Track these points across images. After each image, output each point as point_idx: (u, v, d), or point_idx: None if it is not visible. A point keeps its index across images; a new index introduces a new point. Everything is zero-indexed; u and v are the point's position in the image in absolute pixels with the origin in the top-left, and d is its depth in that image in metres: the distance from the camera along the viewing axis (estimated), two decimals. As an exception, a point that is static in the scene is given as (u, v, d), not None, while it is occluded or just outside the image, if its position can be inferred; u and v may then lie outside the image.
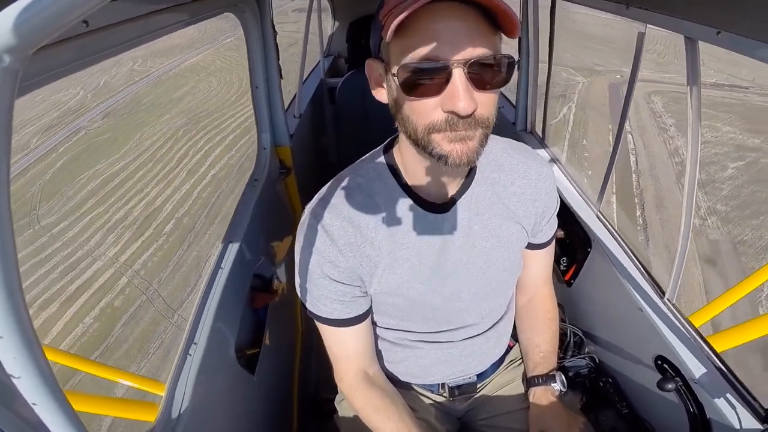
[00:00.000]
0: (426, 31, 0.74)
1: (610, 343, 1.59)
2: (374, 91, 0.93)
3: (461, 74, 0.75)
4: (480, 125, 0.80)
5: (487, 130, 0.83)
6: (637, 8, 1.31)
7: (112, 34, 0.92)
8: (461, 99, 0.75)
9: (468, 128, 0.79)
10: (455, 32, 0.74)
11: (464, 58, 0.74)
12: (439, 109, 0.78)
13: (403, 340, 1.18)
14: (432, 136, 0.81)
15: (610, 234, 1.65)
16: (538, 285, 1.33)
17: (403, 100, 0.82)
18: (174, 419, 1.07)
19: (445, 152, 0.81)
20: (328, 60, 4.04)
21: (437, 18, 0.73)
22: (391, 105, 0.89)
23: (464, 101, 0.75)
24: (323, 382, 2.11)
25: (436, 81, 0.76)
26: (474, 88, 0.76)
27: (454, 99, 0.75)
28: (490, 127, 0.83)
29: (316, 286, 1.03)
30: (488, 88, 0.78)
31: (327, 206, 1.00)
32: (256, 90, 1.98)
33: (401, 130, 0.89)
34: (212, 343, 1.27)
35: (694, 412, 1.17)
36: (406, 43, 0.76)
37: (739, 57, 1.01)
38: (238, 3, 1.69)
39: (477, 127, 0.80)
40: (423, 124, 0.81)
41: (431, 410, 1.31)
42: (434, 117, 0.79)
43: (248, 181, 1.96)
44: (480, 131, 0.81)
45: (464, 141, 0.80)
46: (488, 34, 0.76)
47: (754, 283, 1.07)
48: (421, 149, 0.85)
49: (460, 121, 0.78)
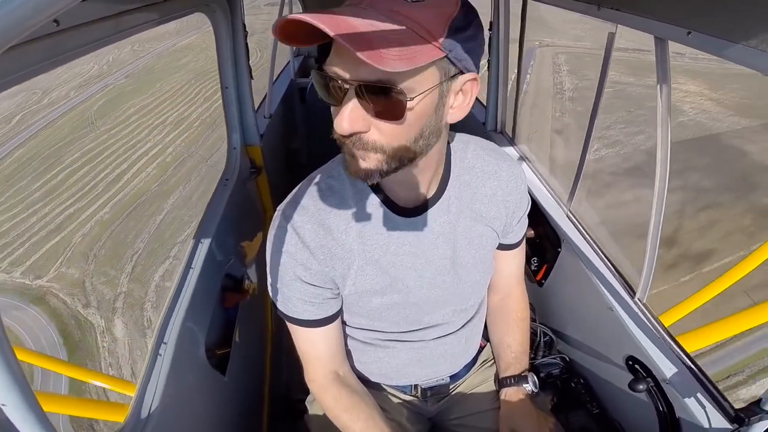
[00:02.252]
0: (338, 46, 0.73)
1: (581, 343, 1.60)
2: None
3: (352, 94, 0.74)
4: (372, 149, 0.79)
5: (386, 155, 0.80)
6: (608, 8, 1.31)
7: (83, 34, 0.92)
8: (342, 117, 0.75)
9: (356, 148, 0.79)
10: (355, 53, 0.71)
11: (357, 79, 0.73)
12: None
13: (375, 340, 1.18)
14: (342, 145, 0.82)
15: (580, 234, 1.66)
16: (509, 285, 1.33)
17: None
18: (143, 419, 1.07)
19: (347, 162, 0.83)
20: (298, 60, 4.03)
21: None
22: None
23: (340, 118, 0.75)
24: (294, 382, 2.12)
25: (338, 95, 0.76)
26: (371, 113, 0.75)
27: (337, 115, 0.76)
28: (392, 154, 0.80)
29: (288, 288, 1.02)
30: (385, 117, 0.76)
31: (298, 208, 0.99)
32: (226, 90, 1.97)
33: None
34: (182, 343, 1.26)
35: (664, 412, 1.17)
36: (331, 51, 0.76)
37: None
38: (209, 2, 1.68)
39: (368, 150, 0.79)
40: (335, 129, 0.81)
41: (402, 411, 1.30)
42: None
43: (219, 180, 1.95)
44: (377, 156, 0.79)
45: (356, 159, 0.80)
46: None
47: (724, 284, 1.08)
48: None
49: (345, 139, 0.78)
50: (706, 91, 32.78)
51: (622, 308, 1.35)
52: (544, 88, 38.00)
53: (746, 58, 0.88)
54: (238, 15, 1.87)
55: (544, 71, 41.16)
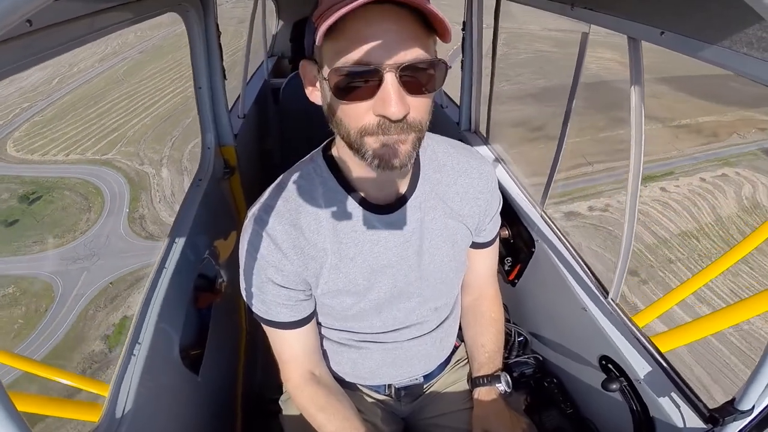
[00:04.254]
0: (358, 35, 0.73)
1: (554, 343, 1.60)
2: (308, 93, 0.92)
3: (393, 78, 0.74)
4: (413, 129, 0.80)
5: (420, 133, 0.83)
6: (582, 8, 1.31)
7: (56, 34, 0.91)
8: (392, 104, 0.74)
9: (400, 132, 0.79)
10: (387, 35, 0.73)
11: (396, 62, 0.73)
12: (371, 112, 0.78)
13: (348, 340, 1.18)
14: (364, 139, 0.81)
15: (554, 234, 1.66)
16: (483, 284, 1.34)
17: (336, 103, 0.81)
18: (117, 419, 1.08)
19: (377, 155, 0.81)
20: (271, 60, 4.03)
21: (369, 21, 0.72)
22: (325, 107, 0.88)
23: (395, 106, 0.74)
24: (268, 382, 2.16)
25: (368, 85, 0.76)
26: (406, 92, 0.76)
27: (385, 104, 0.75)
28: (423, 131, 0.83)
29: (261, 291, 1.03)
30: (421, 92, 0.78)
31: (269, 210, 1.00)
32: (200, 90, 1.96)
33: (336, 132, 0.89)
34: (156, 344, 1.27)
35: (638, 412, 1.17)
36: (338, 45, 0.75)
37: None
38: (182, 2, 1.67)
39: (409, 131, 0.80)
40: (355, 127, 0.80)
41: (376, 411, 1.30)
42: (366, 121, 0.79)
43: (192, 181, 1.94)
44: (413, 135, 0.81)
45: (396, 145, 0.80)
46: (422, 37, 0.76)
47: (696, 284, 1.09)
48: (355, 152, 0.84)
49: (392, 125, 0.78)
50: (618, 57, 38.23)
51: (595, 308, 1.35)
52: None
53: (719, 58, 0.89)
54: (211, 15, 1.86)
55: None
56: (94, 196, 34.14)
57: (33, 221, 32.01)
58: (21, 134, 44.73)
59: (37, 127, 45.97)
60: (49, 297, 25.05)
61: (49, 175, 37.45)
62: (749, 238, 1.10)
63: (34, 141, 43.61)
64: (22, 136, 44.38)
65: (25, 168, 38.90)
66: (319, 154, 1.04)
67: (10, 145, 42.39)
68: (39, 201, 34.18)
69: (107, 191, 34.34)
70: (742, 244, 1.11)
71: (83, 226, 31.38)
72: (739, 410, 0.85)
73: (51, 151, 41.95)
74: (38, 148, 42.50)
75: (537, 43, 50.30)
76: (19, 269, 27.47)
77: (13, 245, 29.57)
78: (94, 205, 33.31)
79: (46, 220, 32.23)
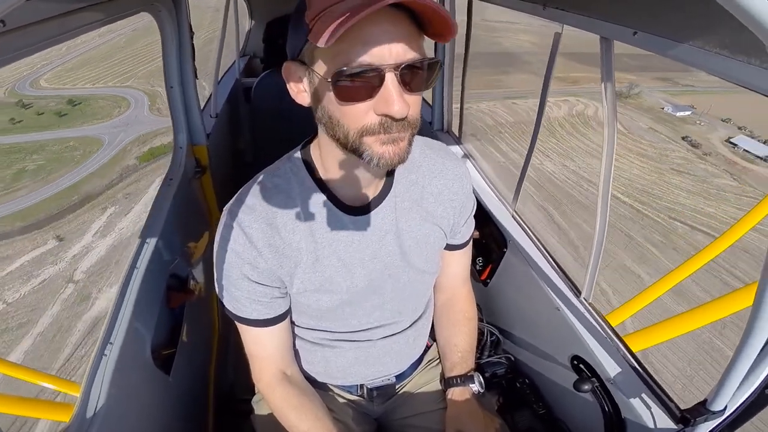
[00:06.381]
0: (358, 36, 0.74)
1: (526, 343, 1.60)
2: (294, 95, 0.91)
3: (393, 78, 0.76)
4: (411, 126, 0.83)
5: (415, 130, 0.86)
6: (554, 8, 1.31)
7: (29, 34, 0.92)
8: (396, 102, 0.76)
9: (401, 130, 0.81)
10: (386, 37, 0.75)
11: (396, 62, 0.75)
12: (372, 112, 0.79)
13: (322, 339, 1.18)
14: (364, 139, 0.82)
15: (525, 234, 1.66)
16: (456, 285, 1.34)
17: (334, 104, 0.82)
18: (89, 419, 1.08)
19: (377, 154, 0.82)
20: (243, 60, 4.03)
21: (369, 23, 0.73)
22: (318, 109, 0.88)
23: (398, 104, 0.76)
24: (239, 382, 2.19)
25: (369, 85, 0.77)
26: (405, 90, 0.78)
27: (388, 103, 0.76)
28: (417, 127, 0.86)
29: (236, 287, 1.03)
30: (417, 89, 0.81)
31: (245, 207, 1.00)
32: (171, 90, 1.97)
33: (328, 134, 0.89)
34: (128, 343, 1.27)
35: (609, 412, 1.17)
36: (337, 48, 0.75)
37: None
38: (154, 2, 1.68)
39: (408, 128, 0.83)
40: (355, 127, 0.81)
41: (348, 411, 1.30)
42: (367, 120, 0.80)
43: (163, 180, 1.93)
44: (410, 132, 0.84)
45: (396, 142, 0.82)
46: (416, 37, 0.78)
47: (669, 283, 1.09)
48: (351, 152, 0.85)
49: (393, 123, 0.79)
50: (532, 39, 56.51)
51: (567, 308, 1.35)
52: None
53: (691, 58, 0.89)
54: (183, 15, 1.87)
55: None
56: (121, 101, 55.77)
57: (79, 113, 54.00)
58: (49, 76, 62.72)
59: (62, 72, 64.59)
60: (99, 144, 46.71)
61: (83, 94, 58.14)
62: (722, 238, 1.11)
63: (62, 80, 62.51)
64: (51, 77, 62.73)
65: (63, 91, 59.17)
66: (297, 154, 1.05)
67: (42, 83, 61.25)
68: (80, 104, 55.86)
69: (131, 98, 55.89)
70: (714, 244, 1.12)
71: (116, 114, 53.37)
72: (711, 411, 0.85)
73: (78, 84, 61.77)
74: (67, 83, 61.91)
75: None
76: (73, 134, 48.76)
77: (66, 124, 51.20)
78: (122, 106, 54.79)
79: (87, 112, 54.00)
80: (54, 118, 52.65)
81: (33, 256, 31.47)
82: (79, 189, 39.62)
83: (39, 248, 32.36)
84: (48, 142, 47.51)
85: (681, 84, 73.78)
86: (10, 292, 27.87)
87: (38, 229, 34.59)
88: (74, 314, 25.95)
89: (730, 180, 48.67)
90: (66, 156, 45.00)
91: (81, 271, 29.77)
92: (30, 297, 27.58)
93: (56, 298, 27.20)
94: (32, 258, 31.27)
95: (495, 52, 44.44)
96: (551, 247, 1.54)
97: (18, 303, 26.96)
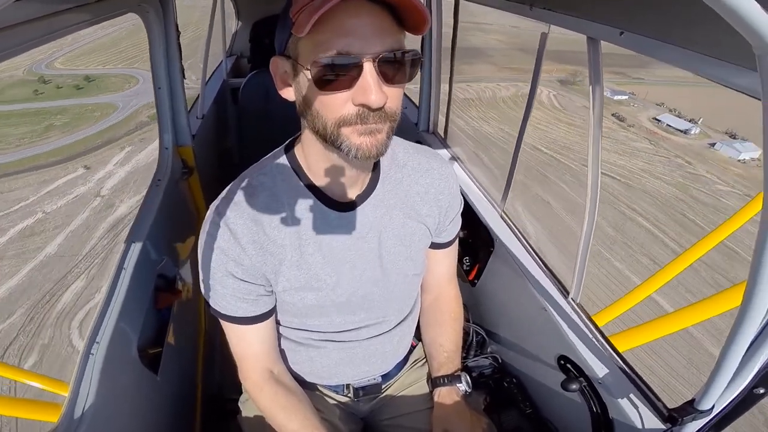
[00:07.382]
0: (337, 27, 0.75)
1: (513, 343, 1.60)
2: (280, 89, 0.93)
3: (372, 68, 0.77)
4: (389, 118, 0.83)
5: (393, 123, 0.86)
6: (541, 9, 1.31)
7: (16, 34, 0.92)
8: (372, 92, 0.77)
9: (378, 121, 0.82)
10: (365, 28, 0.76)
11: (374, 53, 0.77)
12: (350, 103, 0.80)
13: (308, 339, 1.18)
14: (342, 129, 0.82)
15: (513, 234, 1.66)
16: (442, 284, 1.34)
17: (314, 95, 0.83)
18: (77, 419, 1.07)
19: (354, 145, 0.83)
20: (230, 60, 4.04)
21: (348, 14, 0.75)
22: (300, 101, 0.89)
23: (375, 94, 0.77)
24: (227, 382, 2.18)
25: (347, 75, 0.78)
26: (383, 81, 0.79)
27: (366, 92, 0.78)
28: (396, 121, 0.86)
29: (221, 285, 1.03)
30: (396, 82, 0.81)
31: (231, 205, 1.00)
32: (159, 91, 1.97)
33: (309, 126, 0.90)
34: (115, 343, 1.26)
35: (597, 412, 1.18)
36: (317, 38, 0.77)
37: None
38: (141, 3, 1.69)
39: (386, 120, 0.83)
40: (333, 118, 0.82)
41: (335, 411, 1.30)
42: (345, 111, 0.81)
43: (151, 182, 1.94)
44: (389, 124, 0.84)
45: (373, 134, 0.82)
46: (396, 31, 0.80)
47: (657, 283, 1.10)
48: (330, 144, 0.86)
49: (370, 114, 0.80)
50: (499, 38, 67.39)
51: (555, 308, 1.35)
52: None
53: (677, 58, 0.90)
54: (170, 16, 1.87)
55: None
56: (131, 78, 64.56)
57: (94, 87, 63.47)
58: (63, 60, 71.78)
59: (73, 57, 73.11)
60: (114, 108, 56.37)
61: (96, 73, 67.19)
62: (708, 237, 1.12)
63: (74, 63, 71.39)
64: (65, 60, 72.04)
65: (77, 71, 68.40)
66: (282, 152, 1.05)
67: (57, 65, 70.19)
68: (95, 80, 65.19)
69: (140, 76, 64.62)
70: (700, 244, 1.13)
71: (127, 87, 62.73)
72: (699, 410, 0.85)
73: (90, 66, 70.58)
74: (80, 65, 70.87)
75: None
76: (91, 101, 58.45)
77: (84, 95, 60.66)
78: (131, 82, 64.15)
79: (102, 86, 63.35)
80: (72, 91, 63.36)
81: (66, 179, 40.87)
82: (102, 135, 50.08)
83: (71, 174, 42.02)
84: (70, 107, 57.81)
85: (632, 77, 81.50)
86: (49, 205, 36.04)
87: (69, 161, 44.67)
88: (100, 217, 33.90)
89: (648, 144, 57.28)
90: (87, 115, 55.56)
91: (106, 188, 38.54)
92: (65, 208, 35.65)
93: (86, 207, 35.41)
94: (66, 181, 40.65)
95: (463, 47, 50.15)
96: (539, 247, 1.54)
97: (55, 212, 34.95)
